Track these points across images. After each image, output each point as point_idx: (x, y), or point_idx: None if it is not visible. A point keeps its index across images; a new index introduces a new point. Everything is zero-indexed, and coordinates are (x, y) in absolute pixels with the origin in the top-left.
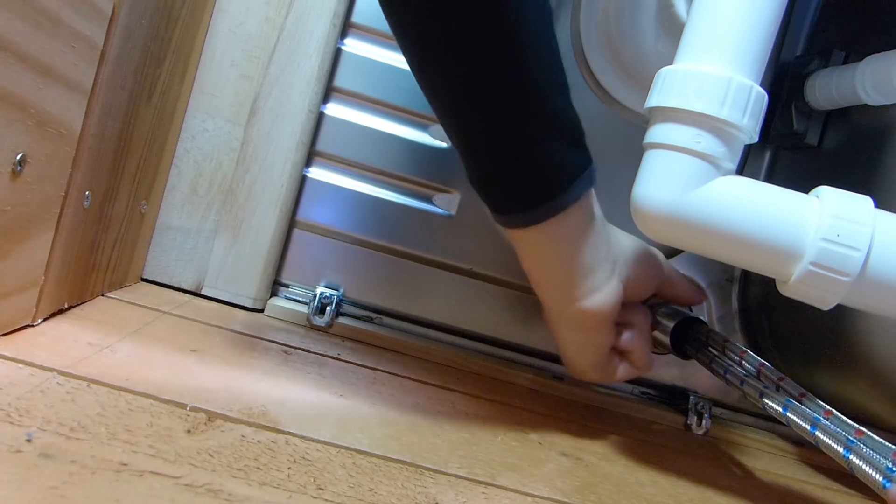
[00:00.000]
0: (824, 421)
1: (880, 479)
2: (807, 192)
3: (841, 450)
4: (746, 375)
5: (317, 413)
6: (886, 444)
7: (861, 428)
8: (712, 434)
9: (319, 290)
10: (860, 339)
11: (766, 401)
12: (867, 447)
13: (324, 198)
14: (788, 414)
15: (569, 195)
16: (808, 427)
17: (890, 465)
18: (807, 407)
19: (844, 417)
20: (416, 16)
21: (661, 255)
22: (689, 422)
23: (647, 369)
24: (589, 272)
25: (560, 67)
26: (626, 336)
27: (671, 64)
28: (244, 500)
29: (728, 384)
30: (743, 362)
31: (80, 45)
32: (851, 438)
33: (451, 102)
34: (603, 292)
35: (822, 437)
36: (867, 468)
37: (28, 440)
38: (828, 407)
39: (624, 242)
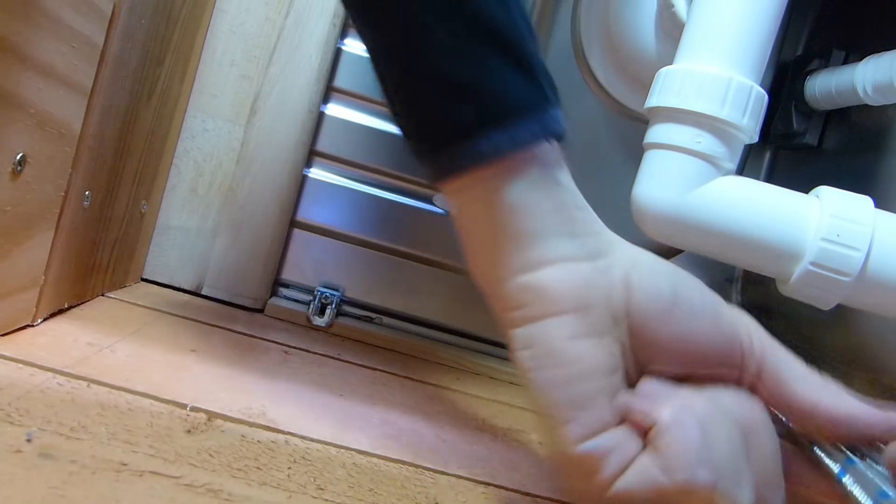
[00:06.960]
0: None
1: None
2: (807, 192)
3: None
4: None
5: (317, 413)
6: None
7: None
8: None
9: (319, 290)
10: (860, 339)
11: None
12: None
13: (324, 198)
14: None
15: (505, 136)
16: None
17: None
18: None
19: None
20: None
21: (746, 318)
22: None
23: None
24: (538, 239)
25: None
26: (649, 395)
27: (671, 64)
28: (244, 500)
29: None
30: None
31: (80, 45)
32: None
33: (370, 18)
34: (561, 268)
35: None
36: (858, 493)
37: (28, 440)
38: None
39: (640, 255)
